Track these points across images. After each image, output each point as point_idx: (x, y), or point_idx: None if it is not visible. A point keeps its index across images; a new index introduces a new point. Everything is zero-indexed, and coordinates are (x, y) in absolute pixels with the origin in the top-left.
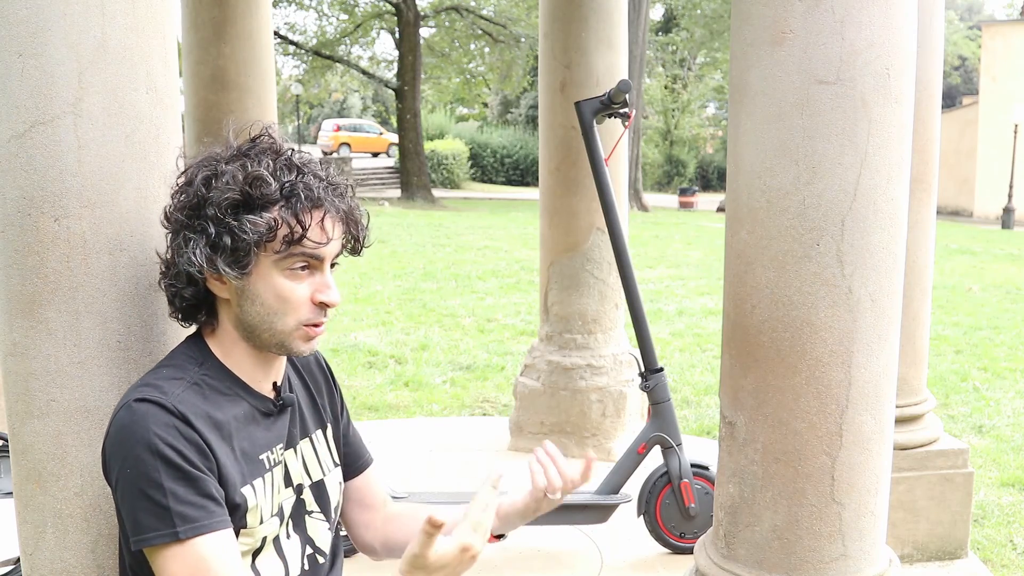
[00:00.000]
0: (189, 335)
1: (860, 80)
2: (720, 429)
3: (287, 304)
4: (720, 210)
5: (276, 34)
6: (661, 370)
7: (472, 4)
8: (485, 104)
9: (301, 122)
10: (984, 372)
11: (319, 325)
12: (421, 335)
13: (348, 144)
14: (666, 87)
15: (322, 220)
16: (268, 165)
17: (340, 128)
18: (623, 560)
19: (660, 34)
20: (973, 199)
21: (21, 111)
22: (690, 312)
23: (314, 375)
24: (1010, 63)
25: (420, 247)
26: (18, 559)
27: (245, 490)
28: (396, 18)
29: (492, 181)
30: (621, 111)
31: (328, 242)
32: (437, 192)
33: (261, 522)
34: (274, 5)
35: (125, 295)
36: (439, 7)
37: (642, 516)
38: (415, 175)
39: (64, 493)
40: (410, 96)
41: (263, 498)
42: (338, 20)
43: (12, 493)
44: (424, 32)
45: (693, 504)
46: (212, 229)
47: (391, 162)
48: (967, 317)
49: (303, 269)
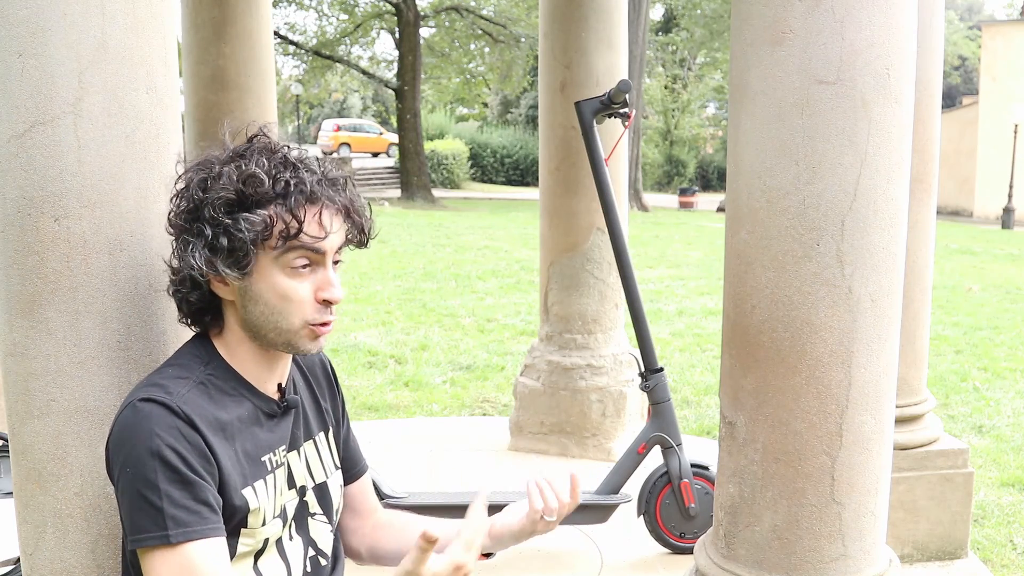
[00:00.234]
0: (195, 335)
1: (860, 80)
2: (720, 429)
3: (290, 303)
4: (720, 210)
5: (276, 34)
6: (661, 370)
7: (472, 4)
8: (485, 104)
9: (301, 122)
10: (984, 372)
11: (326, 324)
12: (421, 335)
13: (348, 144)
14: (666, 87)
15: (319, 214)
16: (262, 164)
17: (340, 128)
18: (623, 560)
19: (660, 34)
20: (973, 199)
21: (21, 111)
22: (690, 312)
23: (318, 378)
24: (1010, 63)
25: (420, 247)
26: (18, 559)
27: (246, 492)
28: (396, 18)
29: (492, 181)
30: (621, 111)
31: (326, 236)
32: (437, 192)
33: (263, 523)
34: (274, 5)
35: (125, 295)
36: (439, 7)
37: (642, 516)
38: (415, 175)
39: (64, 493)
40: (410, 96)
41: (265, 500)
42: (338, 20)
43: (12, 493)
44: (424, 32)
45: (693, 504)
46: (209, 231)
47: (391, 162)
48: (967, 317)
49: (305, 267)
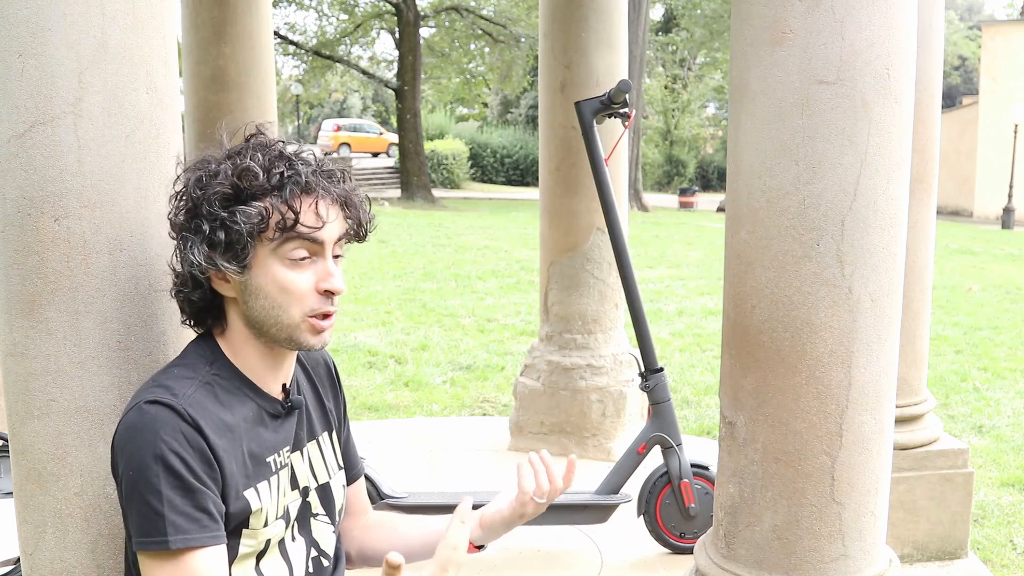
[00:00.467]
0: (199, 335)
1: (860, 80)
2: (720, 429)
3: (290, 295)
4: (720, 210)
5: (276, 34)
6: (661, 370)
7: (472, 4)
8: (485, 104)
9: (301, 122)
10: (984, 372)
11: (328, 316)
12: (421, 335)
13: (348, 144)
14: (666, 87)
15: (315, 204)
16: (257, 158)
17: (340, 128)
18: (623, 560)
19: (660, 34)
20: (973, 199)
21: (21, 111)
22: (690, 312)
23: (322, 377)
24: (1010, 63)
25: (420, 247)
26: (18, 559)
27: (248, 493)
28: (396, 18)
29: (492, 181)
30: (621, 111)
31: (323, 225)
32: (437, 192)
33: (265, 524)
34: (274, 5)
35: (125, 295)
36: (439, 7)
37: (642, 516)
38: (415, 175)
39: (64, 493)
40: (410, 96)
41: (268, 501)
42: (338, 20)
43: (12, 493)
44: (424, 32)
45: (693, 504)
46: (207, 226)
47: (391, 162)
48: (967, 317)
49: (304, 259)
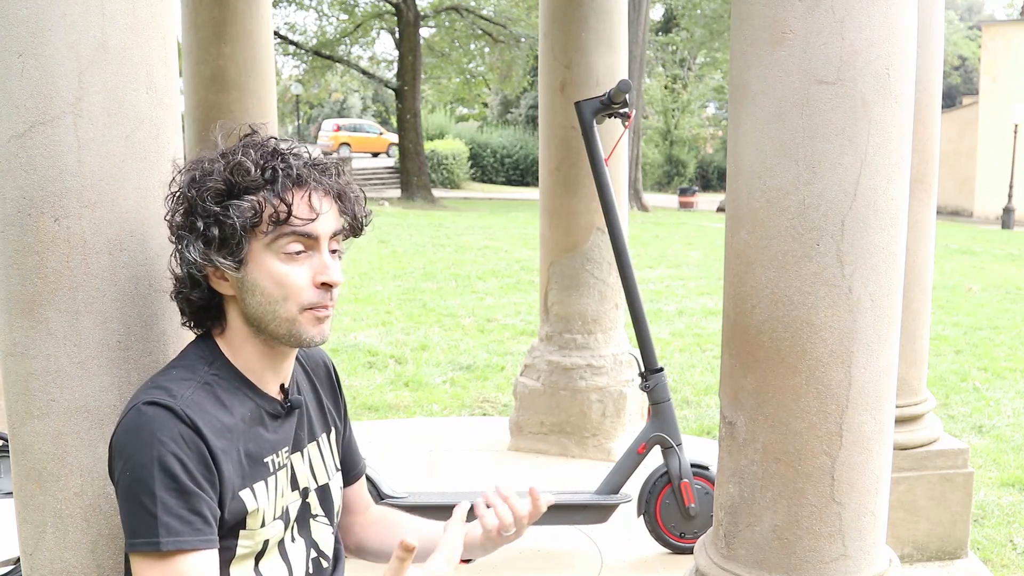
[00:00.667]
0: (199, 336)
1: (860, 80)
2: (720, 429)
3: (286, 289)
4: (720, 210)
5: (276, 34)
6: (661, 370)
7: (472, 4)
8: (485, 104)
9: (301, 122)
10: (984, 372)
11: (325, 308)
12: (421, 335)
13: (348, 144)
14: (666, 87)
15: (308, 197)
16: (250, 155)
17: (340, 128)
18: (623, 560)
19: (660, 34)
20: (973, 199)
21: (21, 111)
22: (690, 312)
23: (321, 379)
24: (1010, 63)
25: (420, 247)
26: (18, 559)
27: (244, 493)
28: (396, 18)
29: (492, 181)
30: (621, 111)
31: (317, 217)
32: (437, 192)
33: (263, 525)
34: (274, 5)
35: (125, 295)
36: (439, 7)
37: (642, 516)
38: (415, 175)
39: (64, 493)
40: (410, 96)
41: (265, 501)
42: (338, 20)
43: (12, 493)
44: (424, 32)
45: (693, 504)
46: (201, 223)
47: (391, 162)
48: (967, 317)
49: (299, 253)
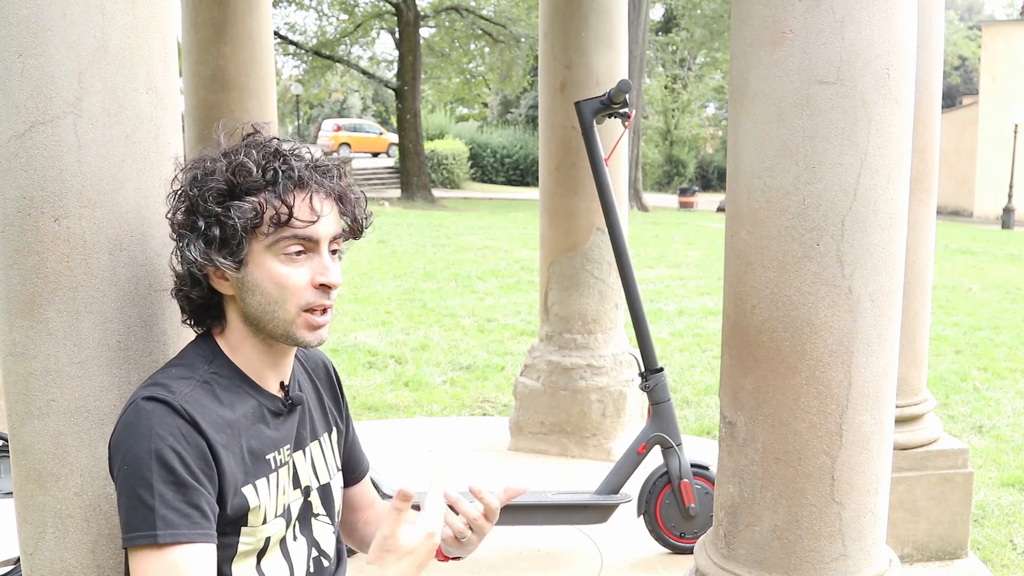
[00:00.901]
0: (199, 335)
1: (860, 80)
2: (720, 429)
3: (285, 290)
4: (720, 210)
5: (276, 34)
6: (661, 370)
7: (472, 4)
8: (485, 104)
9: (301, 122)
10: (984, 372)
11: (325, 311)
12: (421, 335)
13: (348, 144)
14: (666, 87)
15: (309, 199)
16: (252, 155)
17: (340, 128)
18: (623, 560)
19: (660, 34)
20: (973, 199)
21: (21, 111)
22: (690, 312)
23: (322, 379)
24: (1010, 63)
25: (420, 247)
26: (18, 559)
27: (246, 490)
28: (396, 18)
29: (492, 181)
30: (621, 111)
31: (317, 219)
32: (437, 192)
33: (264, 522)
34: (274, 5)
35: (125, 295)
36: (439, 7)
37: (642, 516)
38: (415, 175)
39: (64, 493)
40: (410, 96)
41: (267, 498)
42: (338, 20)
43: (12, 493)
44: (424, 32)
45: (693, 504)
46: (202, 223)
47: (391, 162)
48: (967, 317)
49: (299, 254)
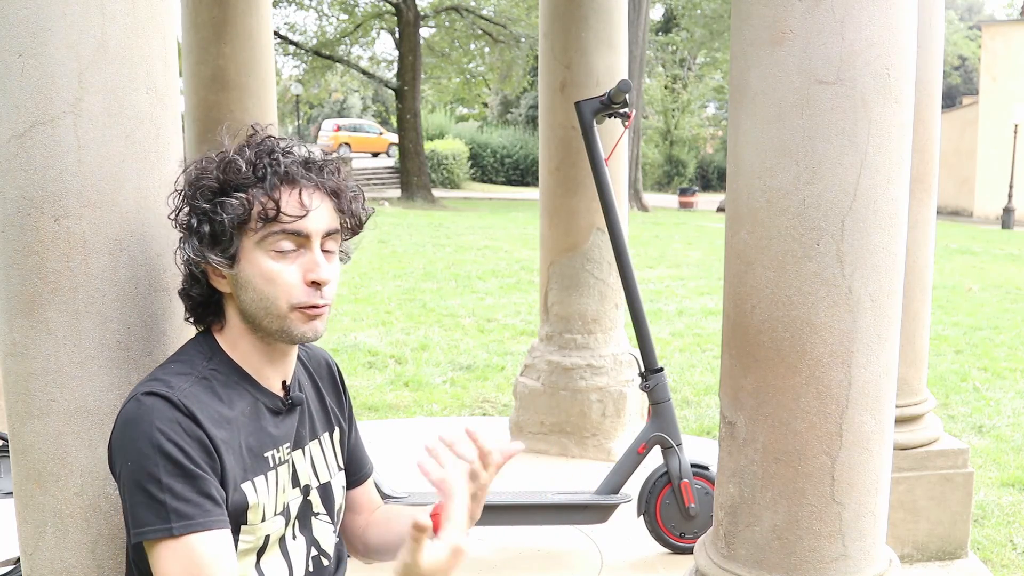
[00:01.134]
0: (199, 332)
1: (860, 80)
2: (720, 429)
3: (276, 286)
4: (720, 210)
5: (276, 34)
6: (661, 370)
7: (472, 4)
8: (485, 104)
9: (301, 122)
10: (984, 372)
11: (317, 308)
12: (421, 335)
13: (348, 144)
14: (666, 87)
15: (298, 195)
16: (244, 153)
17: (340, 128)
18: (623, 560)
19: (660, 34)
20: (973, 199)
21: (21, 111)
22: (690, 312)
23: (324, 379)
24: (1010, 63)
25: (420, 247)
26: (18, 559)
27: (245, 487)
28: (396, 18)
29: (492, 181)
30: (621, 111)
31: (306, 214)
32: (437, 192)
33: (263, 520)
34: (274, 5)
35: (125, 295)
36: (439, 7)
37: (642, 516)
38: (415, 175)
39: (64, 493)
40: (410, 96)
41: (265, 496)
42: (338, 20)
43: (12, 493)
44: (424, 32)
45: (693, 504)
46: (195, 220)
47: (391, 162)
48: (967, 317)
49: (290, 250)
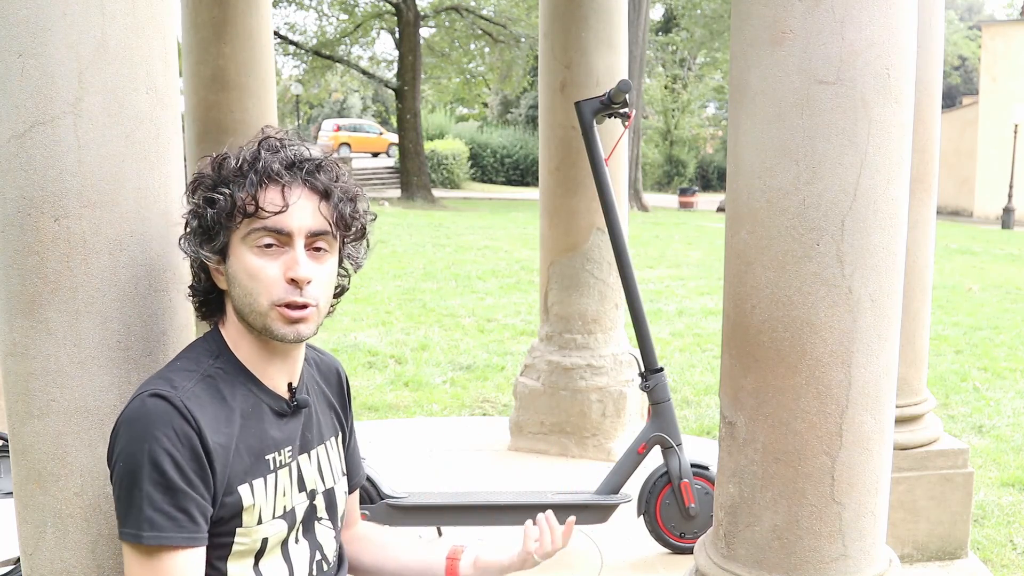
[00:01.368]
0: (210, 329)
1: (860, 80)
2: (720, 429)
3: (257, 283)
4: (720, 210)
5: (276, 34)
6: (661, 370)
7: (472, 4)
8: (485, 104)
9: (301, 122)
10: (984, 372)
11: (301, 308)
12: (421, 335)
13: (348, 144)
14: (666, 87)
15: (281, 192)
16: (237, 150)
17: (340, 128)
18: (623, 560)
19: (660, 34)
20: (973, 199)
21: (21, 111)
22: (690, 312)
23: (332, 385)
24: (1010, 63)
25: (420, 247)
26: (18, 559)
27: (242, 489)
28: (396, 18)
29: (492, 181)
30: (621, 111)
31: (285, 209)
32: (437, 192)
33: (259, 522)
34: (274, 5)
35: (125, 295)
36: (439, 7)
37: (642, 516)
38: (415, 175)
39: (64, 493)
40: (410, 96)
41: (263, 498)
42: (338, 20)
43: (12, 493)
44: (424, 32)
45: (693, 504)
46: (190, 215)
47: (391, 162)
48: (967, 317)
49: (271, 247)
